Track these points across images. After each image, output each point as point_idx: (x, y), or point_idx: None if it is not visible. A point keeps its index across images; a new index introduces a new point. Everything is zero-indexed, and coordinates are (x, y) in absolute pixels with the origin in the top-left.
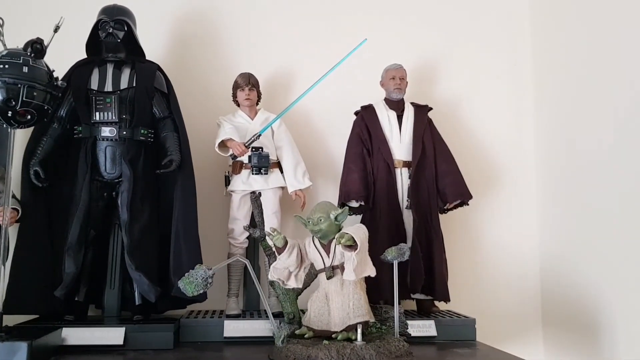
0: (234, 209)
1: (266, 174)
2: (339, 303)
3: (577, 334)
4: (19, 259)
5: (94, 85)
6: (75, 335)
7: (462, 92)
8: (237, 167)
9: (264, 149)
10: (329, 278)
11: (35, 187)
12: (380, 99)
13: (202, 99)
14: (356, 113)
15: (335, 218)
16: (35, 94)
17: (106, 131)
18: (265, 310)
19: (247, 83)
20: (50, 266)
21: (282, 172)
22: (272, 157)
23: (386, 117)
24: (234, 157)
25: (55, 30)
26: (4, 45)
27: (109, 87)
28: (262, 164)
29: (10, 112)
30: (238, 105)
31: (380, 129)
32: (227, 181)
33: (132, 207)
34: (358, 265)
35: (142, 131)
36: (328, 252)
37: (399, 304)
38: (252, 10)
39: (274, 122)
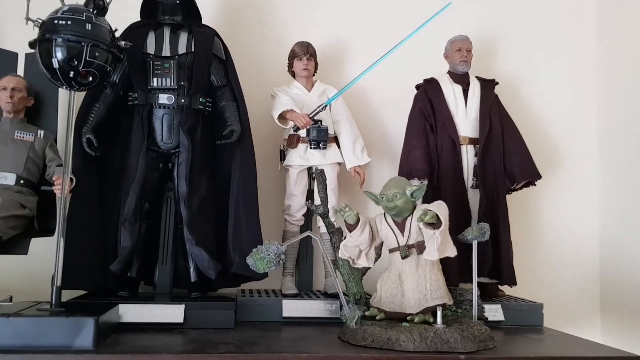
0: (290, 184)
1: (324, 148)
2: (414, 284)
3: (635, 320)
4: (70, 231)
5: (151, 49)
6: (132, 312)
7: (521, 69)
8: (294, 140)
9: (322, 123)
10: (404, 257)
11: (87, 156)
12: (443, 72)
13: (253, 69)
14: (417, 87)
15: (412, 194)
16: (97, 53)
17: (164, 98)
18: (320, 291)
19: (306, 52)
20: (101, 240)
21: (339, 147)
22: (330, 132)
23: (451, 91)
24: (296, 129)
25: None
26: (62, 1)
27: (166, 51)
28: (321, 138)
29: (72, 73)
30: (293, 76)
31: (445, 104)
32: (282, 155)
33: (191, 179)
34: (441, 244)
35: (200, 99)
36: (402, 231)
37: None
38: None
39: (344, 91)
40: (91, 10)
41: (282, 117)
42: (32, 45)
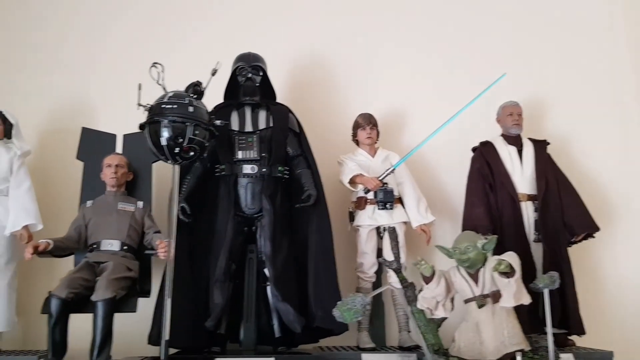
0: (362, 243)
1: (391, 209)
2: (491, 332)
3: None
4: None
5: (235, 126)
6: None
7: (568, 127)
8: (362, 203)
9: (388, 185)
10: (480, 307)
11: (180, 223)
12: (497, 135)
13: (318, 139)
14: (473, 149)
15: (483, 247)
16: (198, 132)
17: (247, 168)
18: (393, 346)
19: (369, 122)
20: (193, 299)
21: (403, 207)
22: (395, 194)
23: (506, 152)
24: (366, 191)
25: (213, 74)
26: (164, 88)
27: (248, 127)
28: (388, 199)
29: (177, 149)
30: (357, 144)
31: (502, 164)
32: (351, 217)
33: (274, 240)
34: (516, 292)
35: (279, 168)
36: (476, 281)
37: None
38: (365, 55)
39: (409, 155)
40: (191, 95)
41: (351, 181)
42: (142, 126)
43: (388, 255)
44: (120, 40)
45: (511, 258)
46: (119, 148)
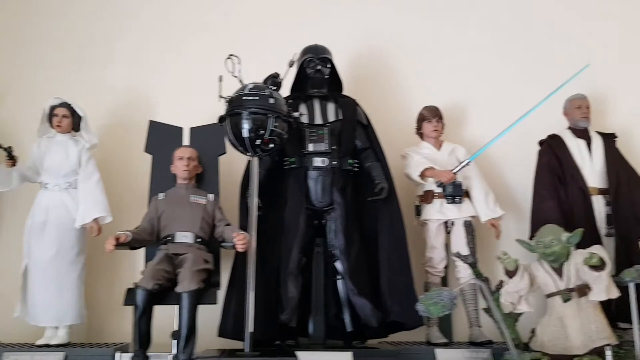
0: (431, 237)
1: (460, 202)
2: (577, 326)
3: None
4: (239, 285)
5: (304, 118)
6: (307, 358)
7: (633, 119)
8: (429, 196)
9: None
10: (565, 301)
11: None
12: (563, 129)
13: (379, 133)
14: (540, 143)
15: (567, 240)
16: (277, 123)
17: (318, 161)
18: (459, 342)
19: (435, 115)
20: (264, 292)
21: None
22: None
23: (575, 145)
24: (439, 184)
25: (290, 65)
26: (241, 81)
27: (318, 120)
28: (457, 192)
29: (258, 141)
30: (421, 137)
31: (571, 157)
32: (417, 211)
33: (347, 233)
34: (608, 285)
35: (349, 161)
36: (560, 275)
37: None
38: (422, 47)
39: (487, 148)
40: (270, 86)
41: (421, 174)
42: (222, 119)
43: (457, 249)
44: (181, 33)
45: (601, 251)
46: (185, 141)
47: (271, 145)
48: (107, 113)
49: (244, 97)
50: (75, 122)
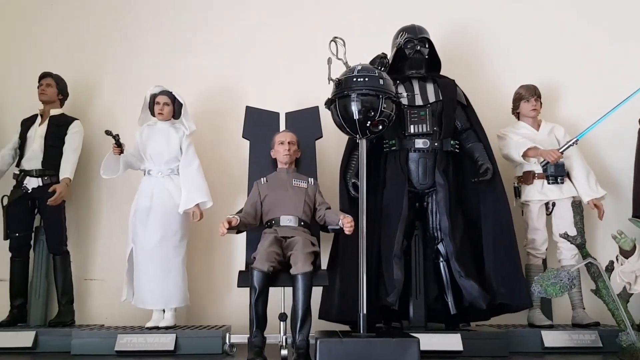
0: (533, 219)
1: (562, 182)
2: None
3: None
4: (345, 268)
5: (404, 99)
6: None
7: None
8: (530, 177)
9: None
10: None
11: (351, 198)
12: None
13: None
14: None
15: None
16: (386, 104)
17: (419, 143)
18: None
19: (533, 94)
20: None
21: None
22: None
23: None
24: (544, 164)
25: (398, 47)
26: (345, 63)
27: (419, 101)
28: (559, 172)
29: (368, 123)
30: (517, 117)
31: None
32: (517, 192)
33: (451, 216)
34: None
35: (450, 142)
36: None
37: None
38: (516, 24)
39: (595, 126)
40: (378, 67)
41: (524, 154)
42: (330, 101)
43: (560, 230)
44: (273, 19)
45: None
46: (282, 126)
47: (380, 127)
48: (201, 100)
49: (354, 79)
50: (176, 109)
